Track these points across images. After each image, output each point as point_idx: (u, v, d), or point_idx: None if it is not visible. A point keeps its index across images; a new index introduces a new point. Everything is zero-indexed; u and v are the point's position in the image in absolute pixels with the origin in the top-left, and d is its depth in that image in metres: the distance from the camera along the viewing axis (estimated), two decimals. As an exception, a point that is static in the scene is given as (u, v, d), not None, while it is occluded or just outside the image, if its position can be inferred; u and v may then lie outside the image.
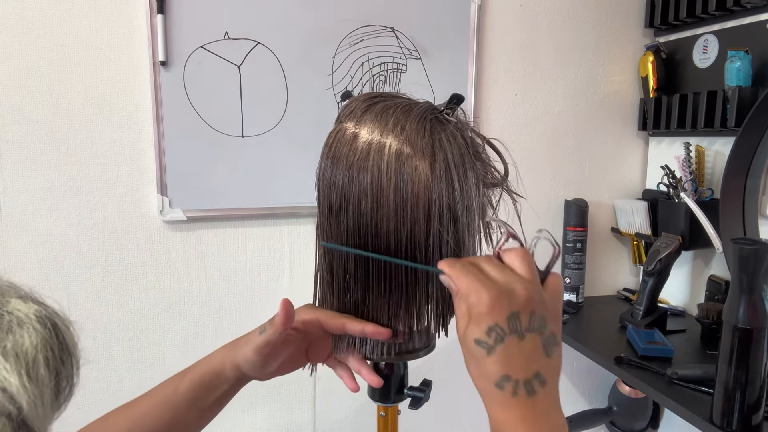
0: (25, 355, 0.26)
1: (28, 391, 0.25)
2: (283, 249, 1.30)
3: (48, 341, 0.27)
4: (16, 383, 0.25)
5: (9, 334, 0.26)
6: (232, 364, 0.62)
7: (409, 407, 0.68)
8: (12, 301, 0.28)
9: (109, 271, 1.19)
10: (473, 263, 0.50)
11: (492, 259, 0.50)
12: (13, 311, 0.27)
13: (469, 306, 0.47)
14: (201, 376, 0.62)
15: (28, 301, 0.28)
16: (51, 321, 0.28)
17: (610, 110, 1.50)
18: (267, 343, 0.59)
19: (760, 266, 0.83)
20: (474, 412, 1.50)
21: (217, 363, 0.62)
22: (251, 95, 1.21)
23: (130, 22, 1.13)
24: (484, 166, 0.59)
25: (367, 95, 0.60)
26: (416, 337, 0.63)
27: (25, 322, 0.27)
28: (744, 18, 1.22)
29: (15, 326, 0.26)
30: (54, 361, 0.27)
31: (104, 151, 1.15)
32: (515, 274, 0.48)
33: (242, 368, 0.61)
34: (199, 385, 0.61)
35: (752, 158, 1.17)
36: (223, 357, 0.62)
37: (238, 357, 0.61)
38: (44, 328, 0.28)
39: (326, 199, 0.58)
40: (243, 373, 0.62)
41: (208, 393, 0.62)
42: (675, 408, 0.98)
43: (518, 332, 0.46)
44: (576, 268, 1.45)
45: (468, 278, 0.48)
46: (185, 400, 0.61)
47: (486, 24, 1.37)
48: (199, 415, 0.62)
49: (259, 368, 0.61)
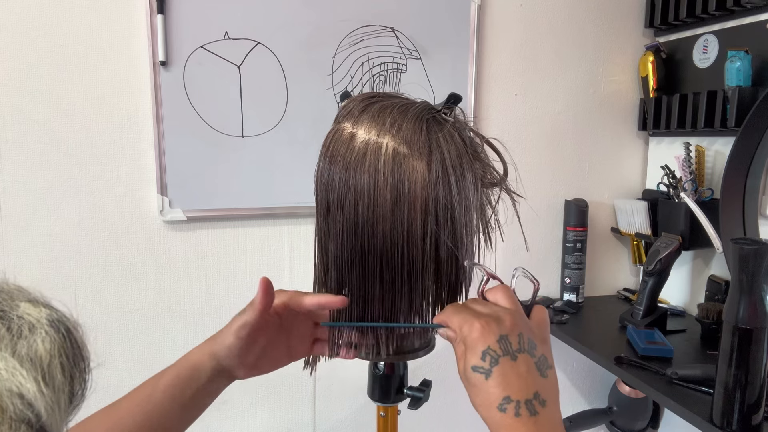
0: (40, 361, 0.26)
1: (45, 397, 0.25)
2: (283, 249, 1.30)
3: (61, 346, 0.27)
4: (34, 389, 0.25)
5: (22, 339, 0.26)
6: (209, 354, 0.60)
7: (408, 407, 0.68)
8: (22, 305, 0.27)
9: (109, 271, 1.19)
10: (462, 305, 0.55)
11: (478, 299, 0.55)
12: (24, 315, 0.27)
13: (463, 338, 0.51)
14: (178, 372, 0.61)
15: (39, 305, 0.28)
16: (63, 325, 0.28)
17: (610, 110, 1.50)
18: (245, 323, 0.59)
19: (760, 266, 0.83)
20: (473, 412, 1.50)
21: (195, 356, 0.61)
22: (251, 95, 1.21)
23: (130, 22, 1.13)
24: (483, 165, 0.59)
25: (364, 95, 0.60)
26: (415, 337, 0.63)
27: (36, 326, 0.27)
28: (744, 18, 1.21)
29: (27, 331, 0.26)
30: (68, 365, 0.27)
31: (104, 151, 1.15)
32: (500, 306, 0.53)
33: (219, 356, 0.60)
34: (176, 380, 0.60)
35: (752, 158, 1.17)
36: (201, 350, 0.61)
37: (215, 346, 0.60)
38: (57, 332, 0.27)
39: (324, 199, 0.58)
40: (220, 363, 0.60)
41: (185, 388, 0.60)
42: (675, 408, 0.98)
43: (510, 353, 0.49)
44: (576, 268, 1.45)
45: (460, 315, 0.52)
46: (163, 397, 0.60)
47: (486, 24, 1.37)
48: (180, 413, 0.61)
49: (236, 355, 0.60)
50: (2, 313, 0.26)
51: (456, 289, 0.60)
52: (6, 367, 0.24)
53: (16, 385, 0.24)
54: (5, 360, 0.25)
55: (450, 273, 0.58)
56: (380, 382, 0.67)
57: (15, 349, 0.25)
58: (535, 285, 0.54)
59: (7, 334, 0.25)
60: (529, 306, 0.55)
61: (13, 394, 0.24)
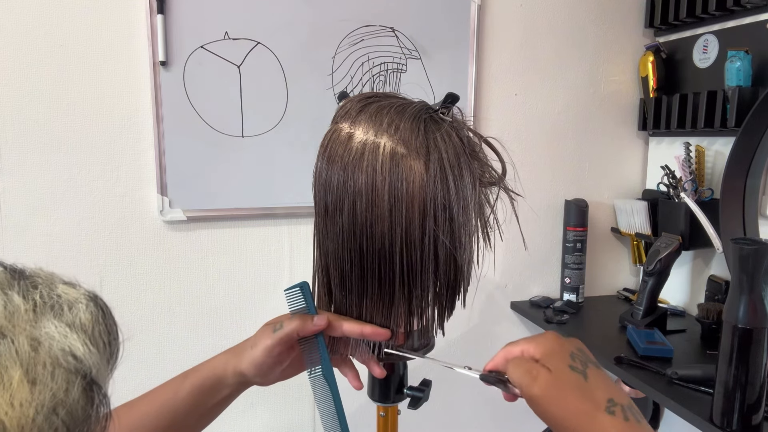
0: (84, 328, 0.30)
1: (93, 356, 0.30)
2: (283, 249, 1.30)
3: (100, 316, 0.32)
4: (83, 350, 0.29)
5: (67, 312, 0.30)
6: (234, 370, 0.61)
7: (408, 407, 0.68)
8: (60, 286, 0.32)
9: (109, 271, 1.19)
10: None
11: None
12: (63, 294, 0.31)
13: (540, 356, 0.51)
14: (201, 381, 0.61)
15: (74, 286, 0.33)
16: (99, 300, 0.33)
17: (610, 110, 1.50)
18: (280, 340, 0.59)
19: (760, 266, 0.83)
20: (473, 411, 1.50)
21: (219, 368, 0.62)
22: (251, 95, 1.21)
23: (130, 22, 1.13)
24: (481, 165, 0.59)
25: (362, 95, 0.60)
26: (415, 337, 0.63)
27: (77, 302, 0.31)
28: (744, 18, 1.21)
29: (69, 306, 0.31)
30: (106, 333, 0.32)
31: (104, 151, 1.15)
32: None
33: (246, 373, 0.60)
34: (199, 389, 0.61)
35: (752, 158, 1.17)
36: (225, 362, 0.62)
37: (242, 362, 0.60)
38: (96, 306, 0.32)
39: (322, 200, 0.58)
40: (246, 378, 0.61)
41: (207, 398, 0.61)
42: (675, 408, 0.98)
43: (592, 362, 0.50)
44: (576, 268, 1.45)
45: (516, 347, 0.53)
46: (184, 404, 0.60)
47: (486, 24, 1.37)
48: (197, 419, 0.62)
49: (265, 372, 0.60)
50: (48, 291, 0.31)
51: (455, 288, 0.60)
52: (58, 332, 0.29)
53: (68, 346, 0.29)
54: (57, 327, 0.29)
55: (449, 273, 0.58)
56: (380, 381, 0.67)
57: (63, 318, 0.30)
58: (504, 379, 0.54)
59: (55, 307, 0.30)
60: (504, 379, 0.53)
61: (66, 353, 0.28)
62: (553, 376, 0.48)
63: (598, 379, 0.48)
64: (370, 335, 0.59)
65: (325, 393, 0.59)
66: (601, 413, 0.45)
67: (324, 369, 0.59)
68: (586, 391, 0.47)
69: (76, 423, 0.27)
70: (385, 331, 0.59)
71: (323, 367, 0.59)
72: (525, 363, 0.50)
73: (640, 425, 0.46)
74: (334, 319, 0.60)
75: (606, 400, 0.46)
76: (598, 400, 0.46)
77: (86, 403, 0.28)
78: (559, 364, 0.49)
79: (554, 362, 0.49)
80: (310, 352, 0.61)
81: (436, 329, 0.64)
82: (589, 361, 0.50)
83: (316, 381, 0.60)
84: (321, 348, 0.60)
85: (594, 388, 0.47)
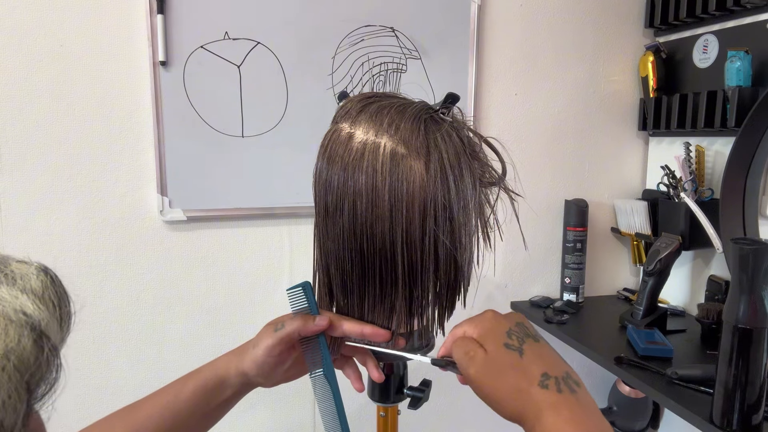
0: (34, 291, 0.34)
1: (42, 312, 0.33)
2: (283, 249, 1.30)
3: (50, 283, 0.35)
4: (33, 307, 0.33)
5: (19, 280, 0.34)
6: (237, 371, 0.61)
7: (408, 407, 0.68)
8: (12, 263, 0.35)
9: (109, 271, 1.19)
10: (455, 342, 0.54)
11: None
12: (15, 270, 0.35)
13: (478, 335, 0.52)
14: (204, 383, 0.61)
15: (26, 262, 0.36)
16: (50, 272, 0.36)
17: (610, 110, 1.50)
18: (281, 340, 0.59)
19: (760, 266, 0.83)
20: (474, 411, 1.50)
21: (221, 369, 0.62)
22: (251, 95, 1.21)
23: (130, 22, 1.13)
24: (482, 165, 0.59)
25: (362, 95, 0.60)
26: (415, 337, 0.63)
27: (27, 273, 0.35)
28: (744, 18, 1.21)
29: (21, 277, 0.34)
30: (56, 298, 0.35)
31: (104, 151, 1.15)
32: None
33: (249, 374, 0.60)
34: (201, 391, 0.61)
35: (752, 158, 1.17)
36: (228, 363, 0.62)
37: (245, 363, 0.60)
38: (45, 275, 0.35)
39: (322, 200, 0.58)
40: (249, 379, 0.61)
41: (210, 399, 0.61)
42: (675, 408, 0.98)
43: (531, 335, 0.51)
44: (576, 268, 1.45)
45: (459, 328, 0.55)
46: (187, 406, 0.60)
47: (486, 24, 1.37)
48: (200, 421, 0.62)
49: (267, 372, 0.60)
50: (3, 267, 0.34)
51: (455, 288, 0.60)
52: (10, 295, 0.33)
53: (19, 305, 0.32)
54: (10, 292, 0.33)
55: (449, 273, 0.58)
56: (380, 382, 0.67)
57: (15, 286, 0.33)
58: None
59: (8, 277, 0.34)
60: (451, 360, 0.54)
61: (17, 311, 0.32)
62: (488, 357, 0.49)
63: (534, 355, 0.48)
64: (370, 335, 0.59)
65: (325, 393, 0.59)
66: (534, 388, 0.46)
67: (325, 369, 0.59)
68: (519, 369, 0.47)
69: (26, 367, 0.30)
70: (385, 331, 0.59)
71: (324, 367, 0.60)
72: (465, 344, 0.51)
73: (574, 395, 0.46)
74: (335, 319, 0.60)
75: (540, 374, 0.47)
76: (531, 376, 0.47)
77: (37, 351, 0.31)
78: (494, 343, 0.50)
79: (490, 341, 0.50)
80: (311, 352, 0.61)
81: (436, 329, 0.64)
82: (528, 335, 0.50)
83: (317, 381, 0.60)
84: (322, 348, 0.60)
85: (528, 364, 0.48)
